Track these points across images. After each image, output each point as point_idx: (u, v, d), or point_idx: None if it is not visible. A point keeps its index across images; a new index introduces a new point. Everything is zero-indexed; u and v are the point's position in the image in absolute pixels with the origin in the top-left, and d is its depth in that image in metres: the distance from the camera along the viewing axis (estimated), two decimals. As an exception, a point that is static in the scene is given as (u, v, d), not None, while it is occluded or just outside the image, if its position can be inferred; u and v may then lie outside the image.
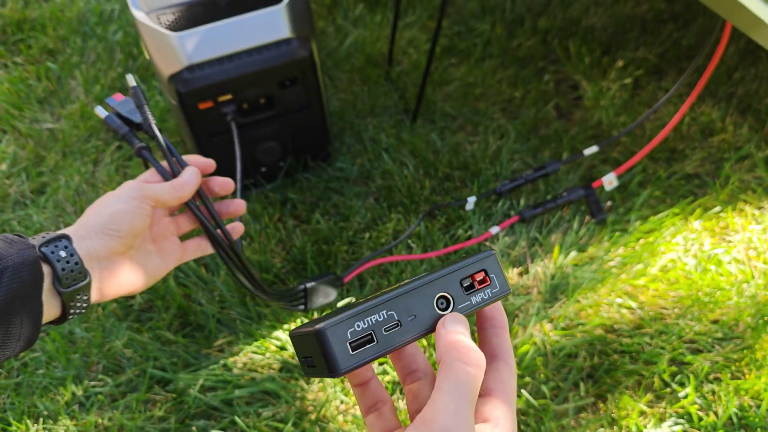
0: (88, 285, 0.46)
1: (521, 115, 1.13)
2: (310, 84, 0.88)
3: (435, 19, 1.30)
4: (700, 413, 0.78)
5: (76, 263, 0.44)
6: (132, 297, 0.91)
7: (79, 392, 0.82)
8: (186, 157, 0.56)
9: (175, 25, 0.82)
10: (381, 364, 0.83)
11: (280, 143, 0.95)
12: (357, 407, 0.80)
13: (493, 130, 1.11)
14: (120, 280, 0.49)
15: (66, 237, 0.45)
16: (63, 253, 0.44)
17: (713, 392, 0.80)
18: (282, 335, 0.85)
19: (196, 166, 0.55)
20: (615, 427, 0.78)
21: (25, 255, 0.42)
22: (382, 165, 1.03)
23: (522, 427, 0.78)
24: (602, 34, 1.26)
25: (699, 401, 0.79)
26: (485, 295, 0.34)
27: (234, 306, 0.87)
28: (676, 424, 0.78)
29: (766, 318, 0.84)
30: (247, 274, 0.62)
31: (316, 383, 0.81)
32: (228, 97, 0.84)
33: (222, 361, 0.83)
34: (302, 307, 0.80)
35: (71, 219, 0.99)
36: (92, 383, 0.83)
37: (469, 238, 0.95)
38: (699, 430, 0.77)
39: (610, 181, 0.97)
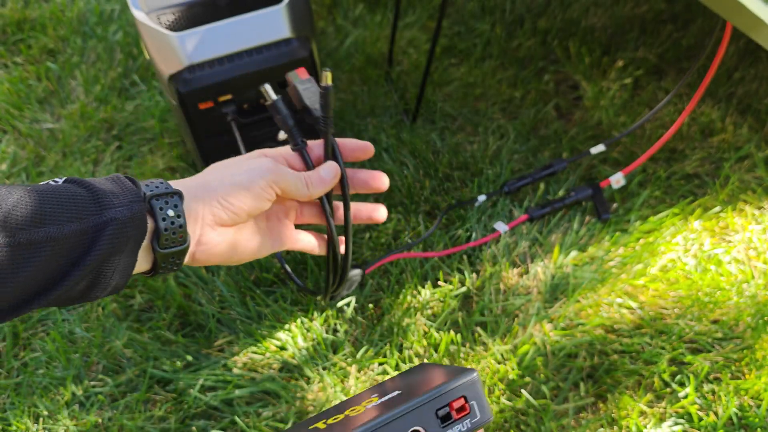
0: (185, 251, 0.42)
1: (521, 116, 1.13)
2: (310, 84, 0.88)
3: (435, 20, 1.31)
4: (700, 413, 0.79)
5: (180, 226, 0.41)
6: (132, 297, 0.91)
7: (79, 392, 0.82)
8: (342, 141, 0.51)
9: (175, 25, 0.82)
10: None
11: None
12: (357, 407, 0.80)
13: (493, 130, 1.11)
14: (217, 250, 0.45)
15: (179, 194, 0.42)
16: (171, 212, 0.41)
17: (713, 392, 0.80)
18: (282, 335, 0.85)
19: (351, 149, 0.51)
20: (615, 427, 0.78)
21: (134, 209, 0.38)
22: (382, 165, 1.03)
23: (522, 427, 0.78)
24: (602, 35, 1.26)
25: (699, 401, 0.80)
26: (463, 427, 0.32)
27: (234, 306, 0.87)
28: (676, 424, 0.78)
29: (766, 318, 0.84)
30: (336, 281, 0.59)
31: (316, 383, 0.81)
32: (228, 97, 0.84)
33: (222, 361, 0.83)
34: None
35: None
36: (92, 383, 0.83)
37: (469, 238, 0.95)
38: (699, 430, 0.77)
39: (617, 180, 0.97)
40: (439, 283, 0.90)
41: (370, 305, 0.88)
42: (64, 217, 0.36)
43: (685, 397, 0.80)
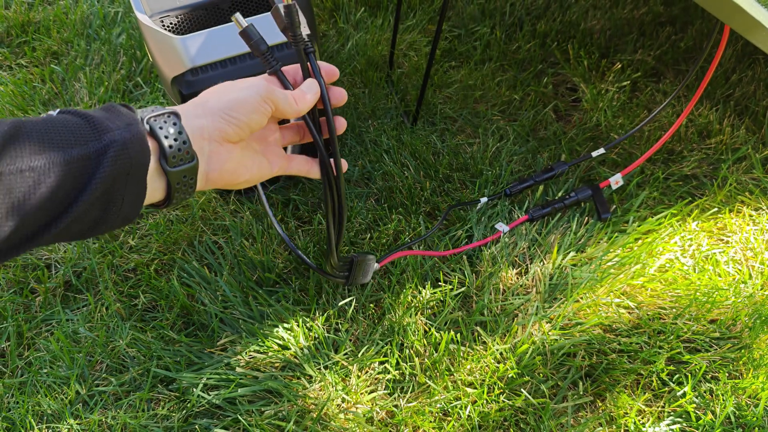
0: (195, 167, 0.43)
1: (520, 117, 1.14)
2: (311, 86, 0.89)
3: (435, 23, 1.32)
4: (698, 412, 0.79)
5: (185, 142, 0.41)
6: (136, 297, 0.91)
7: (83, 391, 0.83)
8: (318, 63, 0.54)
9: (178, 28, 0.83)
10: (382, 363, 0.84)
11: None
12: (358, 406, 0.80)
13: (492, 132, 1.12)
14: (228, 167, 0.46)
15: (176, 114, 0.42)
16: (172, 130, 0.41)
17: (711, 391, 0.81)
18: (284, 334, 0.85)
19: (323, 72, 0.53)
20: (613, 426, 0.79)
21: (133, 130, 0.38)
22: (383, 166, 1.04)
23: (521, 425, 0.79)
24: (600, 37, 1.27)
25: (697, 400, 0.80)
26: None
27: (237, 306, 0.88)
28: (674, 422, 0.79)
29: (763, 318, 0.85)
30: (339, 215, 0.59)
31: (317, 382, 0.82)
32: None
33: (225, 360, 0.84)
34: (344, 279, 0.80)
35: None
36: (96, 382, 0.84)
37: (471, 238, 0.96)
38: (697, 429, 0.78)
39: (616, 181, 0.99)
40: (439, 283, 0.91)
41: (371, 305, 0.89)
42: (66, 144, 0.36)
43: (683, 396, 0.80)
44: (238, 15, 0.53)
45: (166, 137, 0.41)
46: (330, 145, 0.55)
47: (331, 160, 0.57)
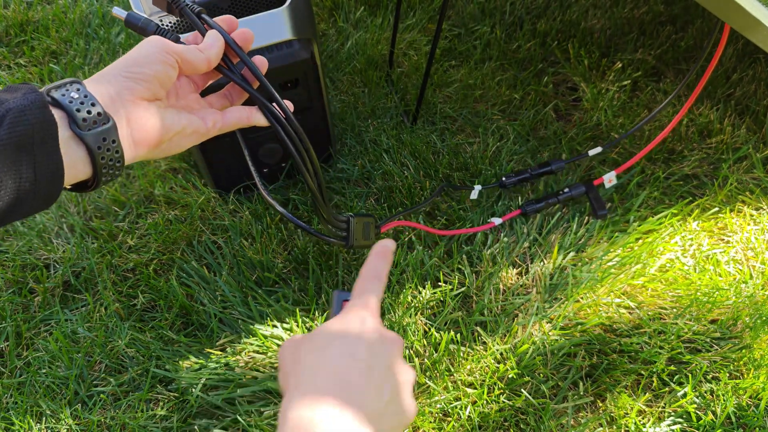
0: (114, 128, 0.40)
1: (520, 117, 1.14)
2: (311, 86, 0.89)
3: (435, 22, 1.31)
4: (699, 412, 0.79)
5: (93, 104, 0.39)
6: (135, 297, 0.91)
7: (82, 391, 0.83)
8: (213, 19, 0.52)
9: (177, 27, 0.82)
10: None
11: (282, 145, 0.96)
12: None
13: (492, 131, 1.11)
14: (151, 123, 0.44)
15: (77, 81, 0.41)
16: (75, 95, 0.39)
17: (711, 391, 0.81)
18: (284, 335, 0.85)
19: (221, 24, 0.51)
20: (614, 426, 0.79)
21: (30, 98, 0.37)
22: (382, 166, 1.04)
23: (522, 425, 0.79)
24: (601, 37, 1.26)
25: (697, 400, 0.80)
26: None
27: (236, 306, 0.88)
28: (675, 423, 0.79)
29: (764, 318, 0.85)
30: (306, 153, 0.57)
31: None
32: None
33: (224, 361, 0.83)
34: (344, 242, 0.76)
35: (74, 220, 1.00)
36: (95, 382, 0.84)
37: (470, 238, 0.95)
38: (697, 429, 0.78)
39: (610, 179, 0.98)
40: (439, 283, 0.91)
41: (371, 305, 0.89)
42: None
43: (684, 396, 0.80)
44: (116, 8, 0.52)
45: (71, 102, 0.39)
46: (266, 91, 0.52)
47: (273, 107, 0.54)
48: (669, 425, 0.78)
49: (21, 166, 0.36)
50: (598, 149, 0.99)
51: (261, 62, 0.54)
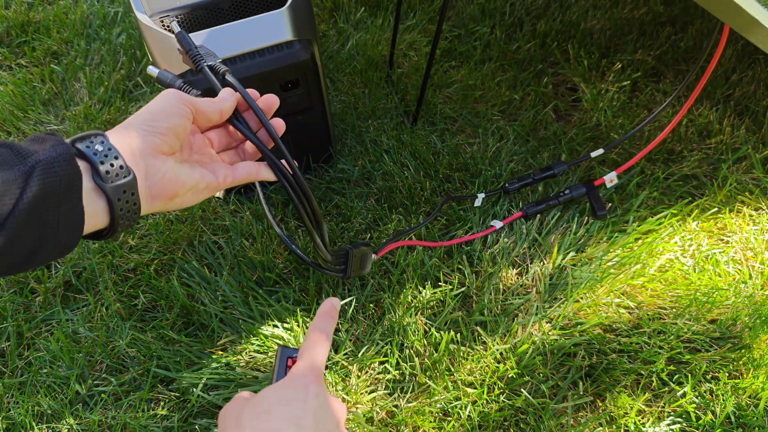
0: (134, 182, 0.42)
1: (520, 117, 1.14)
2: (312, 86, 0.89)
3: (435, 23, 1.32)
4: (698, 412, 0.79)
5: (116, 157, 0.41)
6: (136, 297, 0.91)
7: (83, 391, 0.83)
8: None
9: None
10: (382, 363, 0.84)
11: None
12: (359, 406, 0.80)
13: (492, 132, 1.12)
14: (168, 177, 0.46)
15: (101, 134, 0.42)
16: (100, 147, 0.41)
17: (711, 391, 0.81)
18: (284, 334, 0.85)
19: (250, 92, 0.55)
20: (613, 426, 0.79)
21: (58, 149, 0.38)
22: (383, 166, 1.04)
23: (521, 425, 0.79)
24: (600, 37, 1.27)
25: (697, 400, 0.80)
26: None
27: (237, 306, 0.88)
28: (674, 422, 0.79)
29: (763, 318, 0.85)
30: (312, 212, 0.60)
31: (317, 382, 0.82)
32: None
33: (225, 360, 0.84)
34: (342, 273, 0.78)
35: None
36: (96, 382, 0.84)
37: (469, 234, 0.96)
38: (697, 429, 0.78)
39: (611, 179, 0.98)
40: (439, 283, 0.91)
41: (371, 305, 0.89)
42: None
43: (683, 396, 0.80)
44: (150, 67, 0.57)
45: (95, 154, 0.40)
46: (278, 150, 0.56)
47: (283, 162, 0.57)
48: (668, 425, 0.79)
49: (46, 216, 0.37)
50: (600, 151, 0.99)
51: (278, 124, 0.56)
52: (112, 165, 0.41)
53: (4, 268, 0.37)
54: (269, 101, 0.56)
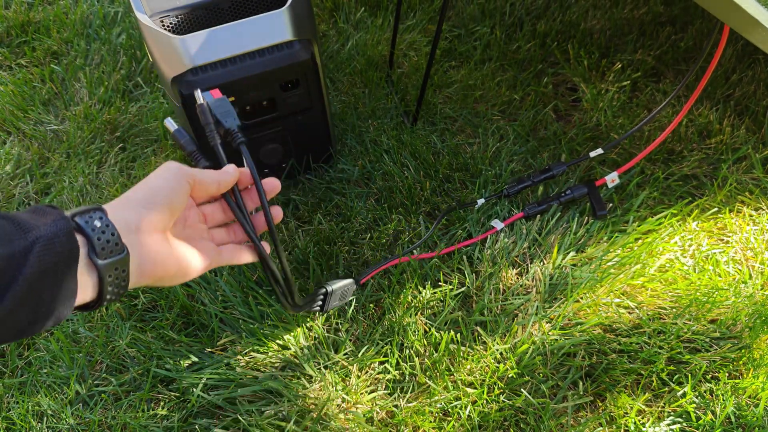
0: (126, 259, 0.43)
1: (520, 117, 1.14)
2: (312, 86, 0.89)
3: (435, 22, 1.32)
4: (698, 412, 0.79)
5: (113, 234, 0.42)
6: (136, 297, 0.91)
7: (83, 391, 0.83)
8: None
9: (178, 27, 0.83)
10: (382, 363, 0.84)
11: (282, 145, 0.96)
12: (358, 406, 0.80)
13: (492, 132, 1.12)
14: (159, 257, 0.47)
15: (100, 209, 0.43)
16: (98, 223, 0.41)
17: (711, 391, 0.81)
18: (284, 334, 0.85)
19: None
20: (613, 426, 0.79)
21: (59, 225, 0.39)
22: (383, 166, 1.04)
23: (521, 425, 0.79)
24: (600, 37, 1.27)
25: (697, 400, 0.80)
26: None
27: (237, 306, 0.88)
28: (674, 422, 0.79)
29: (763, 318, 0.85)
30: (286, 283, 0.63)
31: (317, 381, 0.82)
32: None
33: (225, 360, 0.84)
34: (318, 309, 0.81)
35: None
36: (96, 382, 0.84)
37: (469, 236, 0.96)
38: (697, 429, 0.78)
39: (612, 179, 0.98)
40: (439, 283, 0.91)
41: (371, 305, 0.89)
42: None
43: (683, 396, 0.80)
44: (168, 120, 0.58)
45: (93, 230, 0.41)
46: (268, 227, 0.58)
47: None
48: (668, 425, 0.79)
49: (42, 292, 0.38)
50: (599, 150, 0.99)
51: (276, 212, 0.59)
52: (108, 242, 0.42)
53: (9, 336, 0.38)
54: (271, 184, 0.58)
